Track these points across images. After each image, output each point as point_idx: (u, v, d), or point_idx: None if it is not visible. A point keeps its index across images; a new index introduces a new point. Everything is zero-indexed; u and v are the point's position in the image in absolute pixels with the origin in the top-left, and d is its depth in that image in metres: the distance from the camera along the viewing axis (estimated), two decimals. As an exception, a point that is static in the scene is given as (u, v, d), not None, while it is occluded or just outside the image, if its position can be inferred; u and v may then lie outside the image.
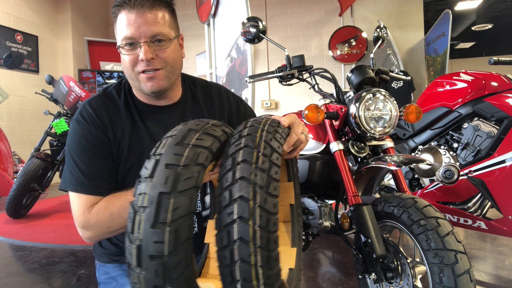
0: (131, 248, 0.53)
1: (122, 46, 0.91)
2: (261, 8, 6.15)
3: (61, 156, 3.56)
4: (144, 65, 0.91)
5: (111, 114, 0.97)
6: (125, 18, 0.89)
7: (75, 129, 0.95)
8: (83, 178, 0.91)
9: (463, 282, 1.00)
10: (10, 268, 2.23)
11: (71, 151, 0.93)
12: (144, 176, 0.57)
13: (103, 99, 1.00)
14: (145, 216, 0.53)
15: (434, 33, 5.55)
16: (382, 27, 1.70)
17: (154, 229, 0.52)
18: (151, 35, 0.90)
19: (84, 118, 0.94)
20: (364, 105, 1.35)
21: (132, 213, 0.55)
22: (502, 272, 1.97)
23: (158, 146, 0.63)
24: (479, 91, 1.98)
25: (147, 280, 0.52)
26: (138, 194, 0.56)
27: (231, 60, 3.32)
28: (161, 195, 0.53)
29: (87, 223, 0.89)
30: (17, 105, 5.48)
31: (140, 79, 0.93)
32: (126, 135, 0.96)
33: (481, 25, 8.13)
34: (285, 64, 1.58)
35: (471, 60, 11.64)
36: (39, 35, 5.88)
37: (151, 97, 0.98)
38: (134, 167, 0.96)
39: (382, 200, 1.25)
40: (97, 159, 0.93)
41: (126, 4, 0.89)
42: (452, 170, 1.90)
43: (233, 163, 0.59)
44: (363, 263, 1.26)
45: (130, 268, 0.54)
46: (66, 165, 0.95)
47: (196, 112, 1.07)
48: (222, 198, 0.57)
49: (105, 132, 0.95)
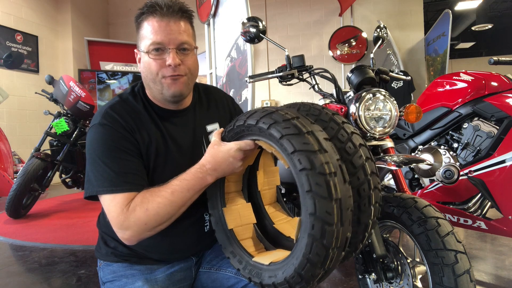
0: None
1: (149, 51, 0.95)
2: (261, 8, 6.15)
3: (61, 156, 3.56)
4: (170, 70, 0.95)
5: (135, 118, 0.99)
6: (155, 25, 0.95)
7: (99, 132, 0.94)
8: (117, 177, 0.90)
9: (463, 282, 1.00)
10: (10, 268, 2.23)
11: (99, 154, 0.92)
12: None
13: (123, 104, 1.01)
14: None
15: (434, 33, 5.56)
16: (382, 27, 1.70)
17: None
18: (179, 43, 0.96)
19: (109, 121, 0.94)
20: (364, 105, 1.35)
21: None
22: (502, 272, 1.97)
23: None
24: (479, 91, 1.98)
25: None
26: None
27: (231, 60, 3.32)
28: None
29: (126, 221, 0.88)
30: (17, 105, 5.48)
31: (164, 83, 0.97)
32: (153, 137, 0.99)
33: (481, 25, 8.14)
34: (285, 64, 1.58)
35: (471, 60, 11.64)
36: (39, 35, 5.88)
37: (169, 101, 1.02)
38: (159, 167, 1.00)
39: (382, 200, 1.25)
40: (127, 157, 0.93)
41: (158, 11, 0.94)
42: (452, 170, 1.90)
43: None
44: (363, 263, 1.26)
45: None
46: (91, 171, 0.92)
47: (206, 115, 1.13)
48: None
49: (133, 134, 0.96)
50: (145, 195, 0.90)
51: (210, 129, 1.12)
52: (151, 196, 0.89)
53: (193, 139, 1.07)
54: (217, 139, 0.92)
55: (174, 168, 0.99)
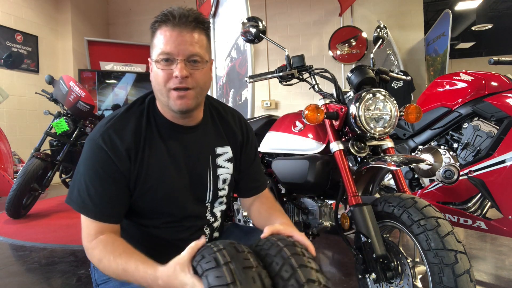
0: None
1: (158, 61, 0.93)
2: (261, 8, 6.16)
3: (61, 156, 3.56)
4: (177, 82, 0.92)
5: (134, 134, 0.97)
6: (166, 34, 0.92)
7: (93, 153, 0.93)
8: (89, 203, 0.91)
9: (463, 282, 1.00)
10: (10, 268, 2.23)
11: (84, 172, 0.93)
12: None
13: (126, 121, 0.98)
14: None
15: (434, 33, 5.56)
16: (382, 27, 1.70)
17: None
18: (189, 54, 0.92)
19: (106, 143, 0.93)
20: (364, 105, 1.35)
21: None
22: (502, 272, 1.97)
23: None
24: (479, 91, 1.98)
25: None
26: None
27: (231, 60, 3.32)
28: None
29: (86, 249, 0.92)
30: (17, 105, 5.48)
31: (170, 96, 0.94)
32: (146, 156, 0.97)
33: (481, 25, 8.14)
34: (285, 64, 1.58)
35: (471, 60, 11.64)
36: (39, 35, 5.88)
37: (177, 115, 0.99)
38: (152, 188, 0.97)
39: (382, 200, 1.25)
40: (109, 187, 0.92)
41: (170, 21, 0.91)
42: (452, 170, 1.90)
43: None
44: (363, 263, 1.26)
45: None
46: (74, 181, 0.94)
47: (216, 135, 1.09)
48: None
49: (126, 159, 0.94)
50: (106, 247, 0.88)
51: (220, 151, 1.08)
52: (110, 254, 0.87)
53: (198, 159, 1.04)
54: (185, 261, 0.76)
55: (170, 189, 0.98)
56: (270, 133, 1.90)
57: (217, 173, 1.07)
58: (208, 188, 1.05)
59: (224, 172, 1.08)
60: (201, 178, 1.03)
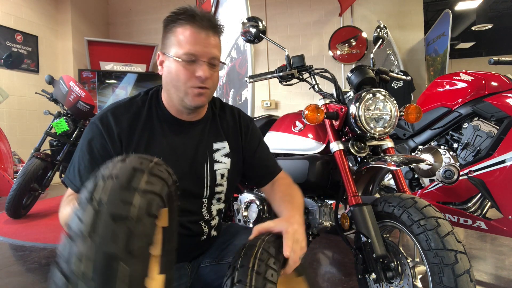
0: None
1: (182, 59, 0.95)
2: (261, 8, 6.15)
3: (61, 156, 3.56)
4: (198, 81, 0.96)
5: (131, 120, 1.00)
6: (192, 35, 0.95)
7: (89, 131, 0.99)
8: (77, 177, 0.97)
9: (463, 282, 1.00)
10: (10, 268, 2.23)
11: (78, 149, 1.00)
12: (80, 230, 0.42)
13: (127, 107, 1.03)
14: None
15: (434, 33, 5.55)
16: (382, 27, 1.70)
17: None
18: (211, 57, 0.97)
19: (102, 124, 0.98)
20: (364, 105, 1.35)
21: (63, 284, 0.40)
22: (502, 272, 1.97)
23: (95, 187, 0.49)
24: (479, 91, 1.98)
25: None
26: (76, 258, 0.41)
27: (231, 60, 3.32)
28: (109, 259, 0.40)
29: (60, 211, 0.99)
30: (17, 105, 5.48)
31: (190, 92, 0.97)
32: (142, 145, 0.99)
33: (481, 25, 8.12)
34: (285, 64, 1.58)
35: (471, 60, 11.64)
36: (39, 35, 5.88)
37: (186, 110, 1.02)
38: None
39: (382, 200, 1.25)
40: (98, 165, 0.93)
41: (197, 22, 0.95)
42: (452, 170, 1.90)
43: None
44: (363, 263, 1.26)
45: None
46: (71, 161, 1.01)
47: (215, 131, 1.12)
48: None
49: (120, 139, 0.98)
50: (69, 200, 0.97)
51: (217, 147, 1.10)
52: (67, 204, 0.96)
53: (196, 154, 1.05)
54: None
55: None
56: (270, 133, 1.90)
57: (214, 168, 1.08)
58: (206, 183, 1.07)
59: (222, 167, 1.10)
60: (199, 172, 1.05)
